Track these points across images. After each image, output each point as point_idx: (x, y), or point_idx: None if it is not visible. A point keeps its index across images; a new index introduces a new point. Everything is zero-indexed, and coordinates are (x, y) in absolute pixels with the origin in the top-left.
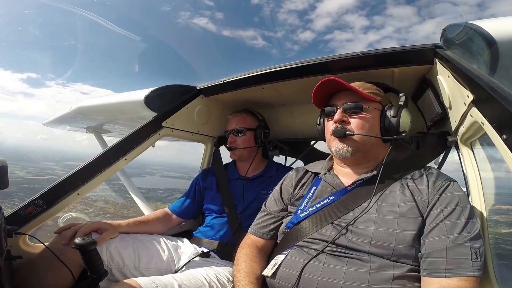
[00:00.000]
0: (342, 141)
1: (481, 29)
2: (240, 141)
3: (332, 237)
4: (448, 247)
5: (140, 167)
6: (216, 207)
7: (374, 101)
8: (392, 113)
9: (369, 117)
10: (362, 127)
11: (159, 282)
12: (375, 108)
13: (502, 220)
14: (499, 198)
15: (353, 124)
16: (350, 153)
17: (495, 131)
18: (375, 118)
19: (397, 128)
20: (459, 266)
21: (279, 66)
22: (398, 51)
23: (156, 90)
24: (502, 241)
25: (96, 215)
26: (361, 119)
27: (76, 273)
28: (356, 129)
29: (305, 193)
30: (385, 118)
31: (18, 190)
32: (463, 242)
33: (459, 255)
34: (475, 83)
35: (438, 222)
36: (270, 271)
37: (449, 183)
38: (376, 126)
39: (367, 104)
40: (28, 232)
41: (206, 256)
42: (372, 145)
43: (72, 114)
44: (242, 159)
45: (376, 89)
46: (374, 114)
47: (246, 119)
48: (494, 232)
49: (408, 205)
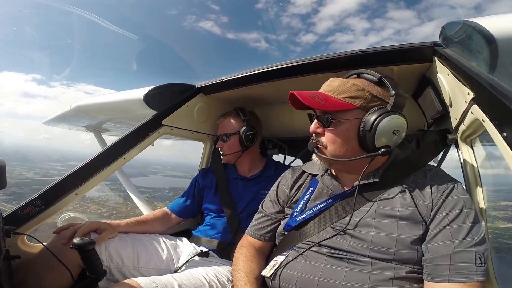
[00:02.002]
0: (316, 155)
1: (480, 26)
2: (226, 146)
3: (331, 241)
4: (453, 253)
5: (143, 167)
6: (216, 206)
7: (350, 109)
8: (368, 125)
9: (343, 129)
10: (334, 141)
11: (159, 282)
12: (353, 118)
13: (500, 216)
14: (498, 195)
15: (326, 137)
16: (326, 165)
17: (495, 128)
18: (351, 129)
19: (372, 143)
20: (463, 272)
21: (279, 64)
22: (396, 49)
23: (155, 89)
24: (500, 235)
25: (110, 215)
26: (332, 132)
27: (75, 273)
28: (327, 143)
29: (301, 195)
30: (361, 129)
31: (30, 192)
32: (468, 247)
33: (464, 260)
34: (475, 81)
35: (443, 226)
36: (269, 271)
37: (453, 186)
38: (352, 139)
39: (340, 115)
40: (27, 232)
41: (205, 256)
42: (351, 157)
43: (71, 112)
44: (230, 162)
45: (358, 89)
46: (350, 125)
47: (229, 123)
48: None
49: (409, 210)
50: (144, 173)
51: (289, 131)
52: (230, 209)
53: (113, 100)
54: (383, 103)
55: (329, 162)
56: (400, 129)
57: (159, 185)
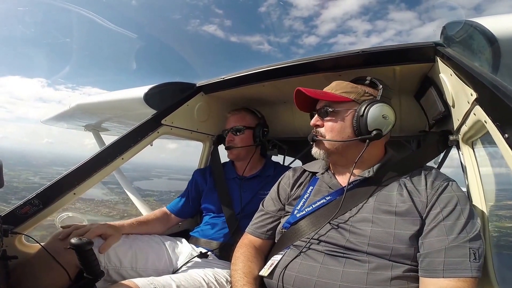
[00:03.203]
0: (315, 145)
1: (481, 26)
2: (238, 139)
3: (329, 237)
4: (447, 248)
5: (146, 170)
6: (214, 206)
7: (345, 101)
8: (360, 112)
9: (339, 119)
10: (331, 130)
11: (157, 283)
12: (348, 109)
13: (507, 215)
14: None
15: (325, 127)
16: (324, 155)
17: (497, 130)
18: (347, 118)
19: (365, 127)
20: (457, 267)
21: (280, 64)
22: (397, 49)
23: (155, 87)
24: (506, 234)
25: (121, 217)
26: (330, 121)
27: (72, 274)
28: (327, 132)
29: (302, 193)
30: (354, 118)
31: None
32: (462, 242)
33: (457, 255)
34: (479, 82)
35: (437, 222)
36: (267, 271)
37: (447, 183)
38: (347, 127)
39: (337, 106)
40: (24, 232)
41: (204, 257)
42: (347, 146)
43: (70, 111)
44: (239, 158)
45: (352, 87)
46: (345, 115)
47: (245, 117)
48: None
49: (406, 205)
50: (148, 176)
51: (289, 131)
52: (228, 209)
53: (113, 99)
54: (373, 98)
55: (327, 150)
56: (389, 114)
57: (164, 188)
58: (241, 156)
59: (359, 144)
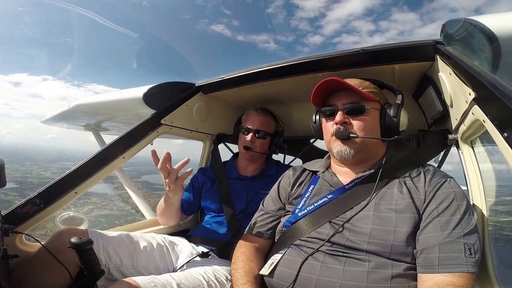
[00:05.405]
0: (344, 143)
1: (481, 24)
2: (258, 144)
3: (330, 236)
4: (441, 243)
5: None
6: (215, 206)
7: (373, 101)
8: (392, 113)
9: (370, 118)
10: (364, 128)
11: (158, 281)
12: (375, 108)
13: (503, 210)
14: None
15: (355, 125)
16: (352, 154)
17: (496, 129)
18: (376, 118)
19: (397, 128)
20: (452, 262)
21: (279, 63)
22: (398, 47)
23: (155, 87)
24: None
25: (137, 211)
26: (362, 121)
27: (73, 273)
28: (358, 131)
29: (303, 192)
30: (385, 118)
31: None
32: (456, 238)
33: (452, 251)
34: (477, 81)
35: (432, 218)
36: (267, 270)
37: (445, 180)
38: (376, 127)
39: (368, 104)
40: (25, 231)
41: (204, 255)
42: (373, 146)
43: (70, 111)
44: (252, 160)
45: (374, 88)
46: (375, 114)
47: (270, 122)
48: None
49: (405, 202)
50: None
51: (289, 130)
52: (229, 209)
53: (113, 99)
54: (386, 101)
55: (358, 149)
56: (409, 119)
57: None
58: (255, 158)
59: (381, 144)
